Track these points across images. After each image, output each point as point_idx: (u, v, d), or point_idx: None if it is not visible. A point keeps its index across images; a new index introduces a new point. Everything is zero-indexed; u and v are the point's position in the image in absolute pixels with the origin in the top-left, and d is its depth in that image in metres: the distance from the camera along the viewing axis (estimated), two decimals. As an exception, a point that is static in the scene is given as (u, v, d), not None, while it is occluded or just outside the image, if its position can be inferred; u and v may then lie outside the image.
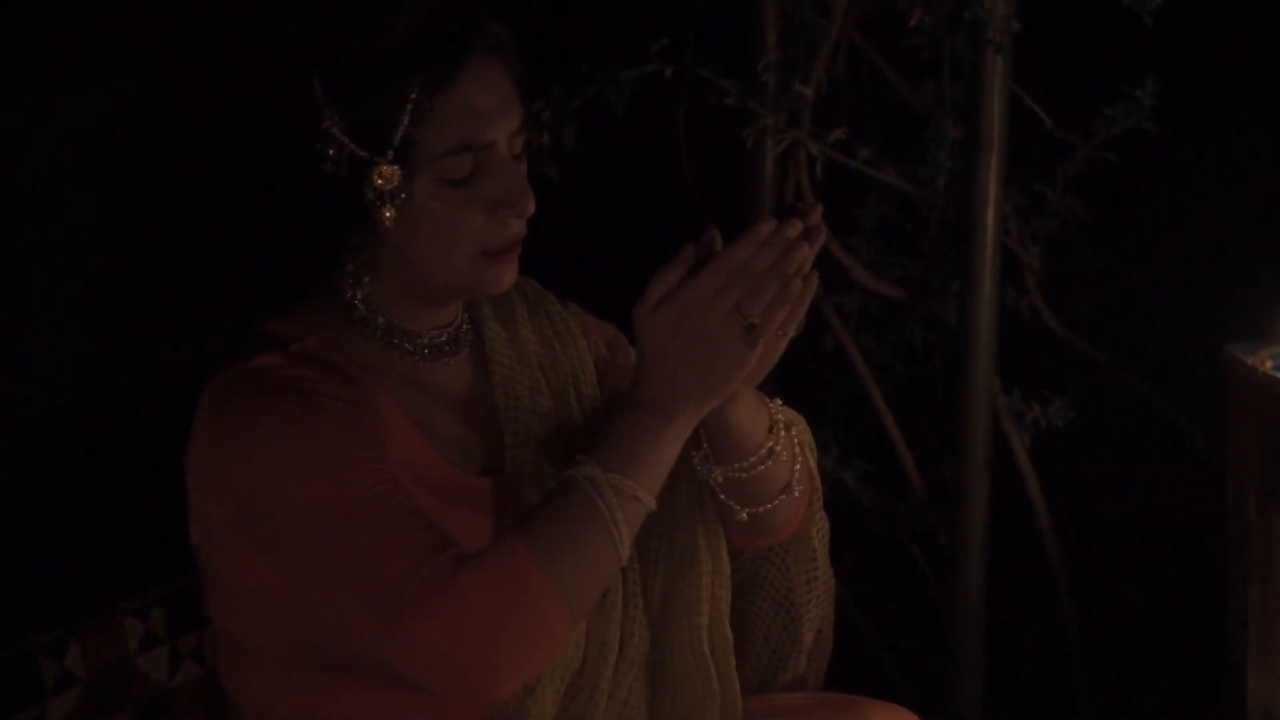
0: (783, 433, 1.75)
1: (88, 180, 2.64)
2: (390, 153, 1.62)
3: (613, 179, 2.89)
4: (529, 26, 1.74)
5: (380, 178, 1.63)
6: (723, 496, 1.76)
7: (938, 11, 2.49)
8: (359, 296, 1.71)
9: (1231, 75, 2.79)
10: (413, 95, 1.61)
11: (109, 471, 2.65)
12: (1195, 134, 2.74)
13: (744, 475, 1.75)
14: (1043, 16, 2.51)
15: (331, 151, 1.63)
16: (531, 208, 1.68)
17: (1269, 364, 2.33)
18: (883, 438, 2.77)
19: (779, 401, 1.78)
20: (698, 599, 1.80)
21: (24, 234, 2.63)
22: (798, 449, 1.78)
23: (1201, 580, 2.69)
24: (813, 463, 1.84)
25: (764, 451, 1.74)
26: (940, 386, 2.77)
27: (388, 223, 1.64)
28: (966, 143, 2.54)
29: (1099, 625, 2.85)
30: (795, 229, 1.65)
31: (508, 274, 1.70)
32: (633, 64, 2.50)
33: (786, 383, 2.81)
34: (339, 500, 1.58)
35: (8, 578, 2.57)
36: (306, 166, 1.64)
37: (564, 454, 1.73)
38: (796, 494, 1.78)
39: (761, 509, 1.77)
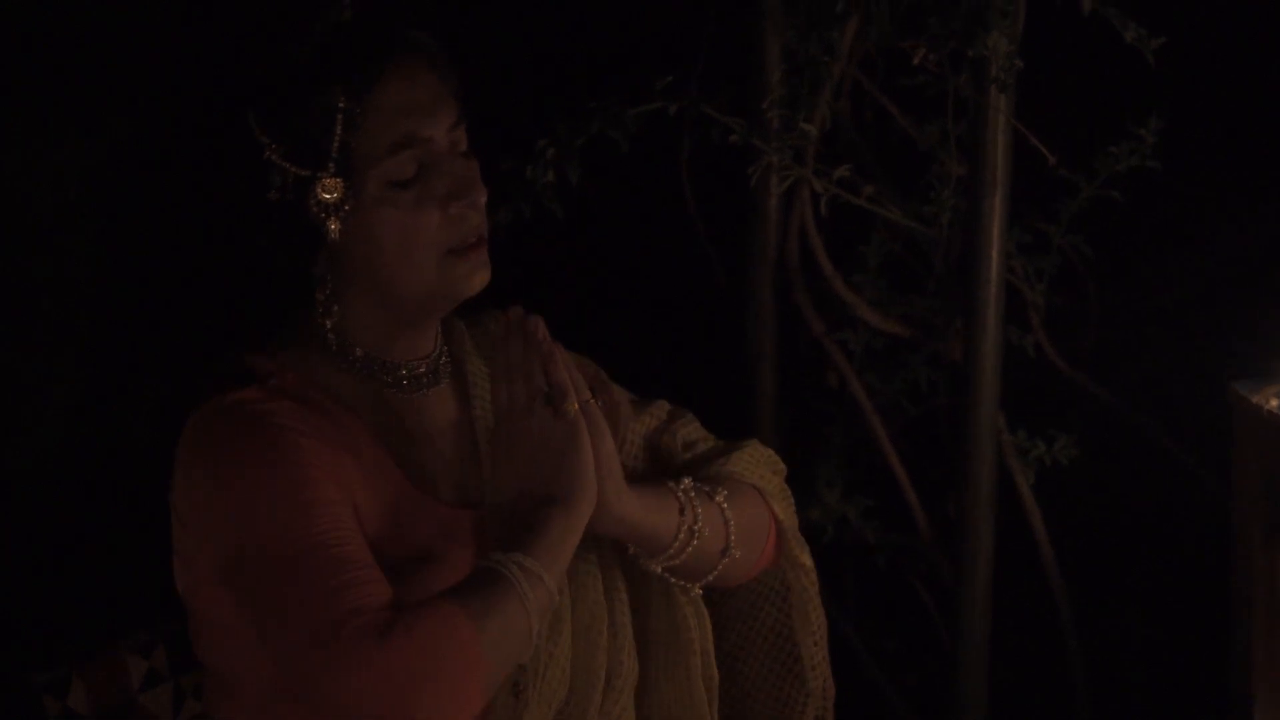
0: (699, 509, 1.79)
1: (90, 217, 2.64)
2: (331, 165, 1.64)
3: (617, 216, 2.89)
4: (456, 38, 1.76)
5: (324, 190, 1.64)
6: (670, 579, 1.81)
7: (941, 50, 2.49)
8: (330, 327, 1.71)
9: (1235, 113, 2.80)
10: (340, 104, 1.63)
11: (111, 507, 2.65)
12: (1199, 172, 2.74)
13: (676, 563, 1.79)
14: (1046, 54, 2.51)
15: (277, 180, 1.64)
16: (483, 198, 1.70)
17: (1273, 402, 2.33)
18: (887, 474, 2.76)
19: (688, 482, 1.81)
20: (689, 639, 1.84)
21: (28, 270, 2.64)
22: (727, 514, 1.81)
23: (1206, 615, 2.68)
24: (778, 509, 1.89)
25: (683, 537, 1.78)
26: (944, 424, 2.77)
27: (334, 235, 1.65)
28: (970, 180, 2.54)
29: (1104, 661, 2.85)
30: (516, 312, 1.75)
31: (479, 273, 1.72)
32: (637, 101, 2.51)
33: (791, 419, 2.82)
34: (288, 539, 1.60)
35: (11, 614, 2.57)
36: (257, 199, 1.65)
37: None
38: (737, 555, 1.82)
39: (710, 577, 1.82)
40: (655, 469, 1.89)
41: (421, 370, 1.77)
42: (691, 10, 2.72)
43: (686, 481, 1.81)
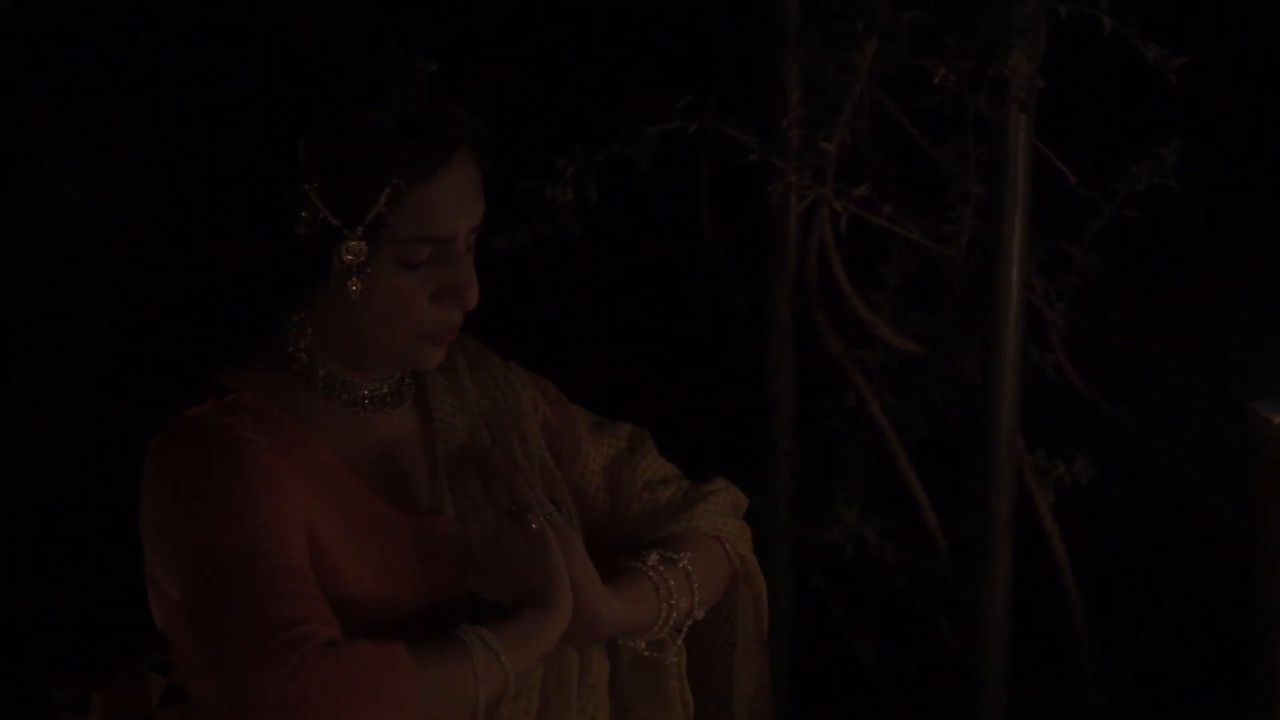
0: (671, 581, 1.84)
1: (106, 236, 2.65)
2: (360, 229, 1.66)
3: (634, 235, 2.89)
4: (501, 119, 1.78)
5: (349, 252, 1.67)
6: (648, 654, 1.86)
7: (961, 69, 2.49)
8: (302, 347, 1.74)
9: (1256, 133, 2.79)
10: (393, 180, 1.66)
11: (129, 523, 2.65)
12: (1219, 191, 2.73)
13: (659, 636, 1.85)
14: (1067, 74, 2.51)
15: (304, 214, 1.66)
16: (474, 301, 1.74)
17: (1294, 422, 2.33)
18: (905, 495, 2.76)
19: (654, 557, 1.86)
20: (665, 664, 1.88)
21: (44, 296, 2.64)
22: (693, 578, 1.87)
23: (1225, 638, 2.67)
24: (741, 548, 1.95)
25: (664, 614, 1.84)
26: (962, 444, 2.76)
27: (355, 296, 1.69)
28: (990, 200, 2.54)
29: (1122, 684, 2.83)
30: (469, 450, 1.82)
31: (438, 355, 1.77)
32: (655, 120, 2.50)
33: (809, 439, 2.82)
34: (231, 546, 1.62)
35: (31, 632, 2.57)
36: (284, 225, 1.67)
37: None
38: (700, 615, 1.88)
39: (679, 640, 1.88)
40: (614, 501, 1.94)
41: (384, 391, 1.81)
42: (710, 29, 2.72)
43: (653, 557, 1.85)
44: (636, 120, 2.50)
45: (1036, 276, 2.66)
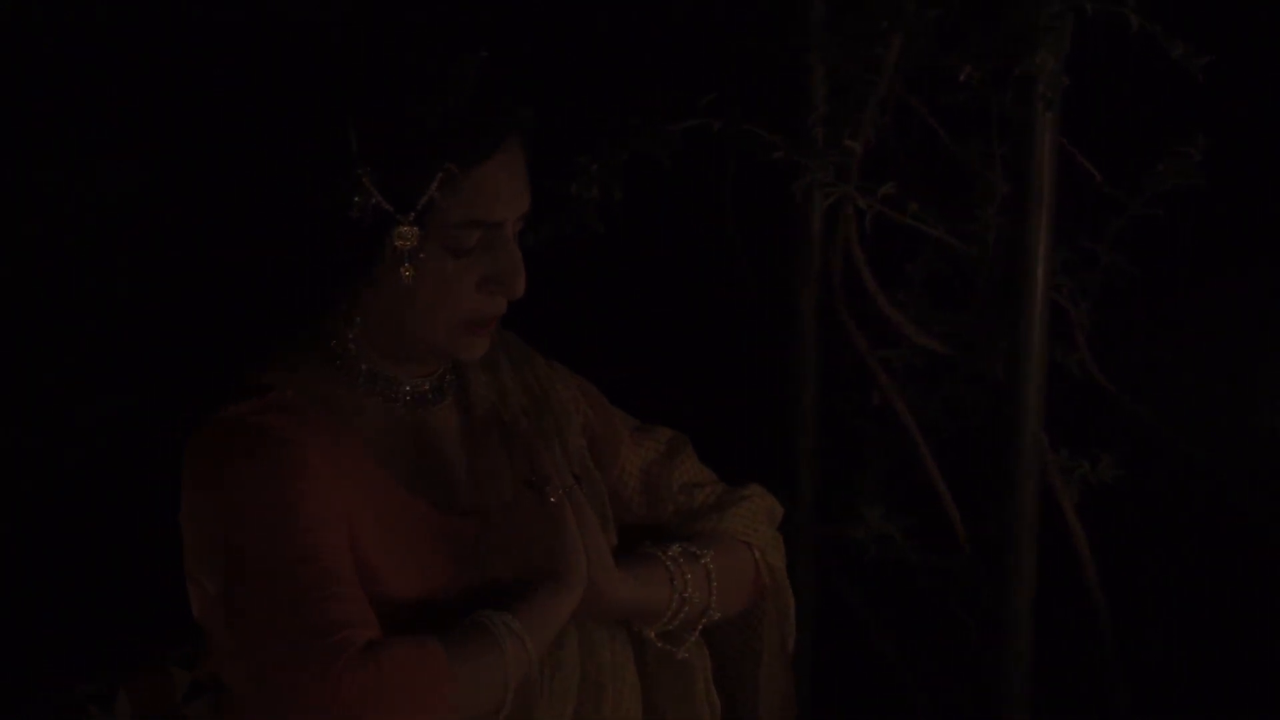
0: (688, 574, 1.83)
1: (134, 232, 2.65)
2: (412, 214, 1.68)
3: (657, 233, 2.89)
4: (550, 107, 1.78)
5: (401, 238, 1.68)
6: (660, 644, 1.86)
7: (986, 67, 2.48)
8: (350, 336, 1.74)
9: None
10: (446, 166, 1.67)
11: (155, 519, 2.65)
12: (1247, 189, 2.72)
13: (670, 628, 1.85)
14: (1092, 71, 2.50)
15: (357, 199, 1.66)
16: (522, 289, 1.75)
17: (1321, 422, 2.32)
18: (929, 493, 2.75)
19: (676, 548, 1.85)
20: (690, 665, 1.89)
21: (66, 292, 2.65)
22: (712, 577, 1.86)
23: (1252, 639, 2.66)
24: (772, 559, 1.95)
25: (675, 605, 1.83)
26: (987, 442, 2.75)
27: (407, 281, 1.69)
28: (1016, 199, 2.53)
29: (1148, 684, 2.83)
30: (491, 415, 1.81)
31: (481, 345, 1.76)
32: (679, 118, 2.50)
33: (832, 437, 2.81)
34: (276, 550, 1.63)
35: (57, 627, 2.58)
36: (338, 210, 1.67)
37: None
38: (715, 616, 1.87)
39: (693, 636, 1.88)
40: (650, 504, 1.94)
41: (425, 388, 1.81)
42: (735, 27, 2.71)
43: (675, 548, 1.85)
44: (660, 118, 2.50)
45: (1061, 275, 2.65)
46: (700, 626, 1.87)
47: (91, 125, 2.61)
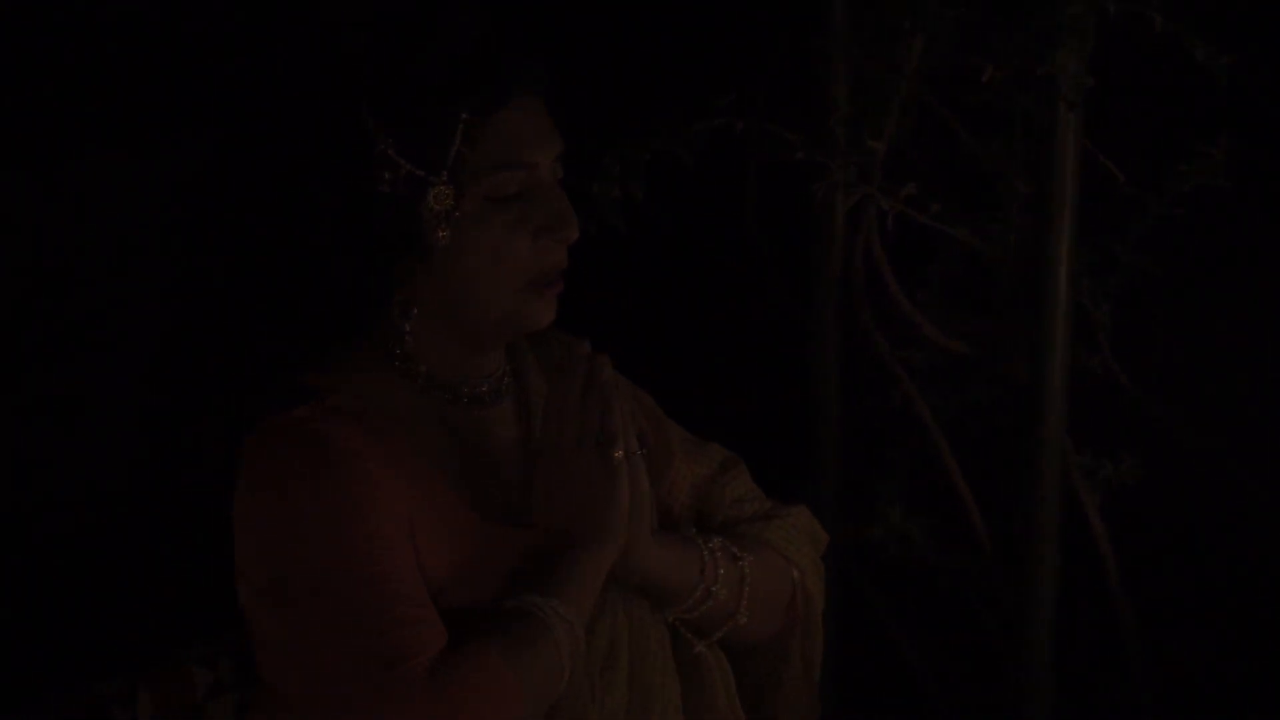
0: (721, 570, 1.80)
1: (163, 237, 2.66)
2: (444, 173, 1.65)
3: (678, 232, 2.89)
4: (565, 71, 1.77)
5: (436, 200, 1.65)
6: (681, 629, 1.83)
7: (1009, 67, 2.48)
8: (407, 329, 1.72)
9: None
10: (463, 116, 1.65)
11: (175, 520, 2.66)
12: (1269, 190, 2.72)
13: (687, 617, 1.81)
14: (1115, 72, 2.50)
15: (387, 174, 1.65)
16: (576, 233, 1.71)
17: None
18: (950, 494, 2.75)
19: (717, 541, 1.82)
20: (713, 680, 1.85)
21: (96, 290, 2.65)
22: (746, 580, 1.83)
23: (1277, 641, 2.65)
24: (809, 583, 1.90)
25: (700, 594, 1.79)
26: (1008, 443, 2.75)
27: (443, 242, 1.66)
28: (1038, 200, 2.53)
29: (1171, 688, 2.82)
30: (583, 348, 1.74)
31: (549, 309, 1.73)
32: (701, 118, 2.50)
33: (853, 438, 2.81)
34: (345, 570, 1.60)
35: (79, 626, 2.58)
36: (367, 191, 1.66)
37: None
38: (742, 622, 1.83)
39: (716, 635, 1.84)
40: (698, 520, 1.91)
41: (484, 389, 1.78)
42: (757, 27, 2.71)
43: (716, 541, 1.82)
44: (682, 117, 2.49)
45: (1083, 276, 2.65)
46: (725, 628, 1.84)
47: (117, 124, 2.62)
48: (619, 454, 1.71)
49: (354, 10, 1.71)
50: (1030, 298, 2.57)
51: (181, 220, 2.64)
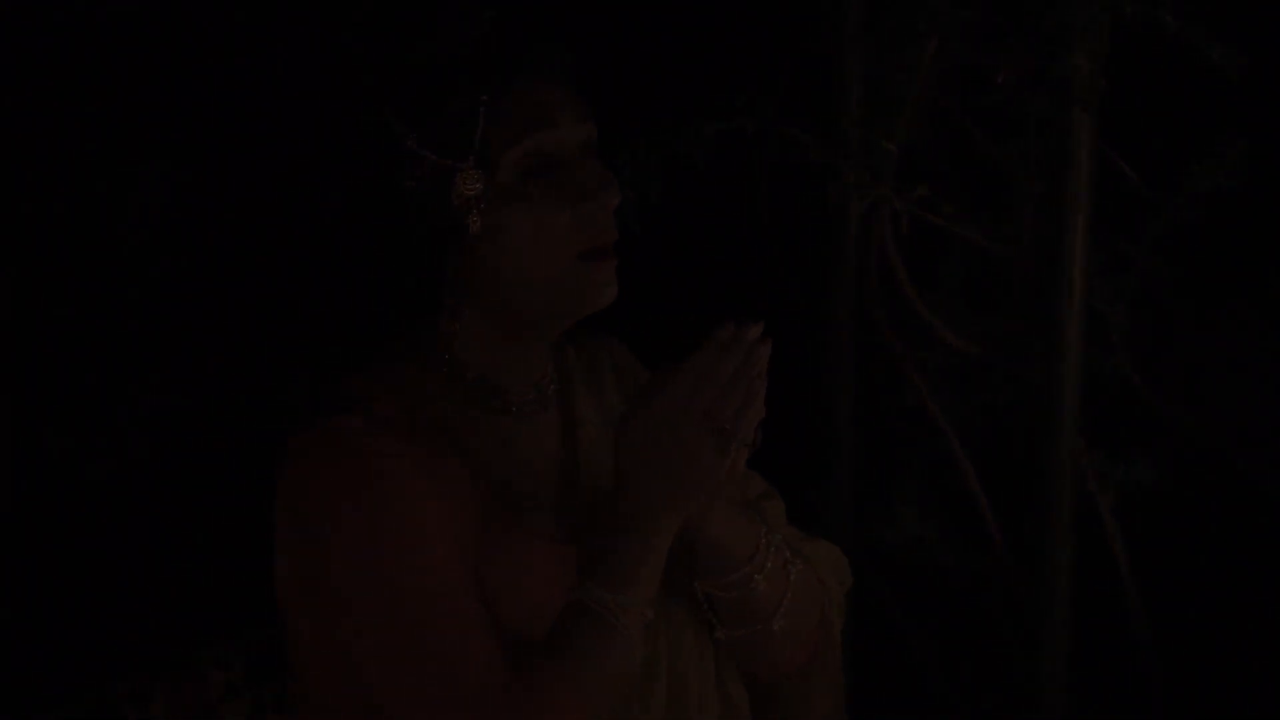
0: (770, 563, 1.72)
1: (181, 237, 2.66)
2: (471, 157, 1.62)
3: (693, 235, 2.89)
4: (584, 54, 1.76)
5: (465, 183, 1.62)
6: (705, 605, 1.75)
7: (1022, 69, 2.48)
8: (455, 330, 1.69)
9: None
10: (481, 97, 1.62)
11: (194, 518, 2.67)
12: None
13: (721, 595, 1.73)
14: (1129, 73, 2.50)
15: (414, 169, 1.63)
16: (617, 196, 1.66)
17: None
18: (965, 496, 2.75)
19: (779, 538, 1.74)
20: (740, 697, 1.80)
21: (115, 291, 2.66)
22: (791, 584, 1.74)
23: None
24: (833, 615, 1.82)
25: (740, 575, 1.71)
26: (1023, 445, 2.75)
27: (475, 228, 1.63)
28: (1052, 201, 2.52)
29: (1185, 689, 2.82)
30: (755, 331, 1.67)
31: (610, 285, 1.68)
32: (714, 119, 2.50)
33: (867, 439, 2.81)
34: (407, 591, 1.57)
35: (94, 626, 2.59)
36: (395, 188, 1.64)
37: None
38: (775, 628, 1.74)
39: (737, 634, 1.75)
40: None
41: (530, 397, 1.73)
42: (771, 29, 2.71)
43: (779, 538, 1.74)
44: (695, 119, 2.50)
45: (1097, 278, 2.65)
46: (754, 628, 1.75)
47: (131, 127, 2.63)
48: (728, 430, 1.62)
49: (354, 11, 1.70)
50: (1044, 299, 2.56)
51: (211, 223, 2.65)
